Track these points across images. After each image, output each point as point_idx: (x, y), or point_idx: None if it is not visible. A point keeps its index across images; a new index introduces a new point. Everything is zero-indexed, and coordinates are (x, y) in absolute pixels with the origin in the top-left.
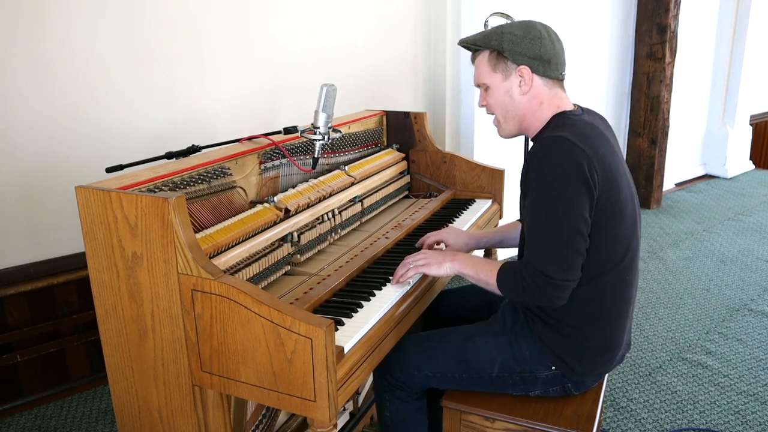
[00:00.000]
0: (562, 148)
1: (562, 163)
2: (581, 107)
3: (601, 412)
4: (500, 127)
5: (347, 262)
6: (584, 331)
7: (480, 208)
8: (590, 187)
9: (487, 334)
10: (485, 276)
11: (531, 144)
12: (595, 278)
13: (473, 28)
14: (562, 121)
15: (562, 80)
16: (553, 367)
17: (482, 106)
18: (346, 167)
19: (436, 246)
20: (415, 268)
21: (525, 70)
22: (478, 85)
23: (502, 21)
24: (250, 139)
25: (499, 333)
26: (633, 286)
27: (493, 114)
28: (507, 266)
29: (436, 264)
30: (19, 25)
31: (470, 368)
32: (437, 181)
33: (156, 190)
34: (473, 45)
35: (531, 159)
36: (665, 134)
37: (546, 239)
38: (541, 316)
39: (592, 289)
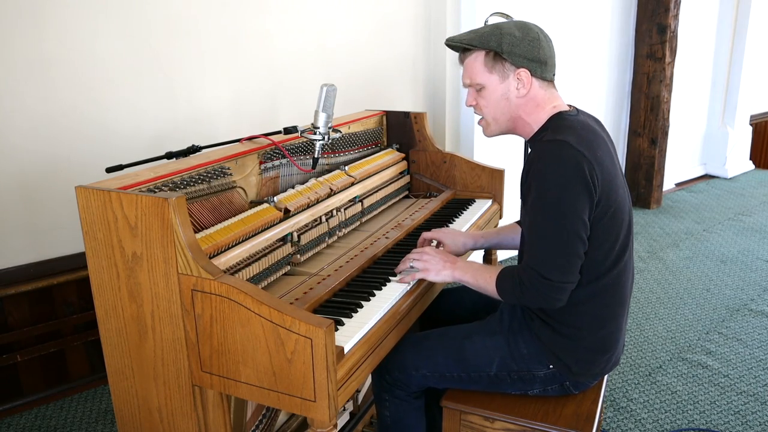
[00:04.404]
0: (564, 152)
1: (565, 166)
2: (576, 108)
3: (601, 412)
4: (488, 127)
5: (347, 262)
6: (582, 331)
7: (480, 208)
8: (591, 191)
9: (485, 333)
10: (484, 282)
11: (529, 146)
12: (593, 280)
13: (473, 27)
14: (560, 122)
15: (553, 80)
16: (551, 366)
17: (471, 105)
18: (346, 167)
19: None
20: (413, 273)
21: (524, 72)
22: (468, 85)
23: (502, 21)
24: (250, 139)
25: (497, 332)
26: (629, 287)
27: (481, 114)
28: (505, 271)
29: (435, 271)
30: (19, 25)
31: (468, 367)
32: (437, 181)
33: (156, 190)
34: (468, 45)
35: (532, 163)
36: (665, 134)
37: (546, 242)
38: (539, 316)
39: (591, 291)
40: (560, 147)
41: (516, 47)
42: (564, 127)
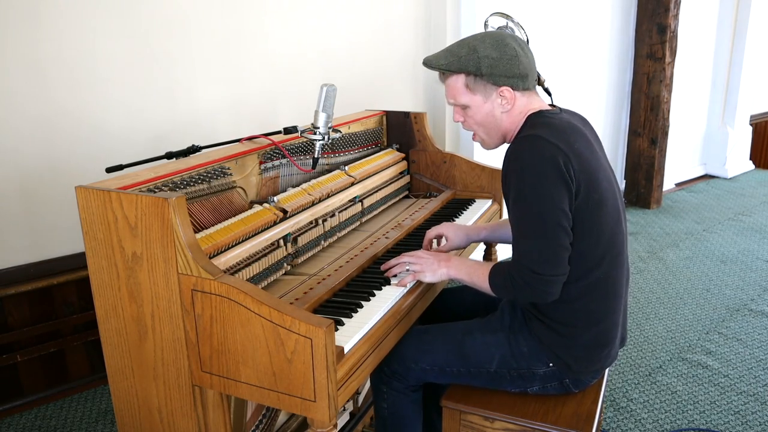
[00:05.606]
0: (537, 145)
1: (538, 159)
2: (560, 108)
3: (601, 411)
4: (484, 143)
5: (347, 262)
6: (577, 329)
7: (480, 208)
8: (567, 181)
9: (486, 330)
10: (478, 279)
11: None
12: (583, 276)
13: (473, 28)
14: (537, 119)
15: (534, 87)
16: (551, 364)
17: (458, 121)
18: (346, 167)
19: (435, 242)
20: (412, 274)
21: (507, 90)
22: (453, 104)
23: (503, 21)
24: (250, 139)
25: (498, 330)
26: (622, 282)
27: (471, 130)
28: (497, 267)
29: (431, 271)
30: (17, 25)
31: (468, 363)
32: (437, 181)
33: (156, 190)
34: (446, 69)
35: (507, 160)
36: (665, 134)
37: (530, 236)
38: (536, 315)
39: (581, 287)
40: (532, 141)
41: (495, 68)
42: (539, 123)
